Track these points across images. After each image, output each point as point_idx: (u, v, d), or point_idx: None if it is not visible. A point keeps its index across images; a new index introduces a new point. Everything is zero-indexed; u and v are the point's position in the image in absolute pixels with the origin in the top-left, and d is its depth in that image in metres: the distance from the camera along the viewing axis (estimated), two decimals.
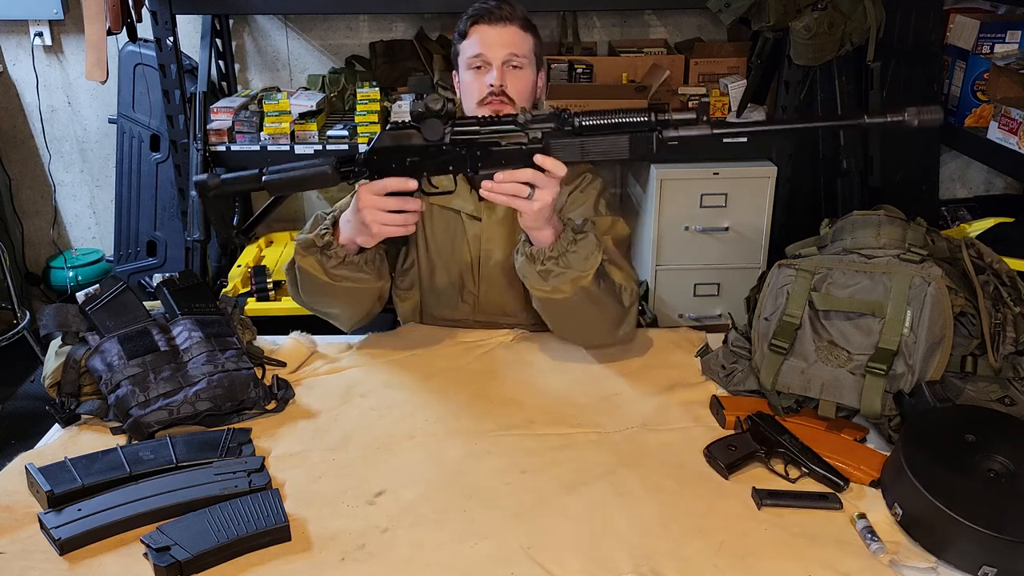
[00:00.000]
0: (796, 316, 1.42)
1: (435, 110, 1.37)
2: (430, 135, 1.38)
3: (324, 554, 1.13)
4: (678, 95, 3.00)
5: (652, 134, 1.33)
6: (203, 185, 1.45)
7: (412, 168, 1.41)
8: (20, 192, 3.45)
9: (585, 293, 1.47)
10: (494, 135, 1.37)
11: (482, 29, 1.61)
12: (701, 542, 1.15)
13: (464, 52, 1.63)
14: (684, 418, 1.44)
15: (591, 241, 1.45)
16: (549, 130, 1.36)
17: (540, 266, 1.45)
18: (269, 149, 2.83)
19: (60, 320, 1.44)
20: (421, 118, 1.38)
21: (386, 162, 1.41)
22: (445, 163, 1.40)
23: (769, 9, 2.58)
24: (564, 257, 1.44)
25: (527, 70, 1.62)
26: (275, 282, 2.80)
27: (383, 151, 1.41)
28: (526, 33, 1.63)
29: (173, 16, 2.67)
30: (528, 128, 1.36)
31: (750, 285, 1.57)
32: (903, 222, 1.45)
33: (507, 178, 1.35)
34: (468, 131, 1.38)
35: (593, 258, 1.45)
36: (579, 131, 1.35)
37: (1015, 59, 2.81)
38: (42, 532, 1.15)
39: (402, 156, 1.40)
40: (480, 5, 1.63)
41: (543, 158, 1.35)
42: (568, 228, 1.45)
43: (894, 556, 1.13)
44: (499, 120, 1.38)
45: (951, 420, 1.27)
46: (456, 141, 1.38)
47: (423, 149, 1.39)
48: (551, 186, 1.36)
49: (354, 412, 1.46)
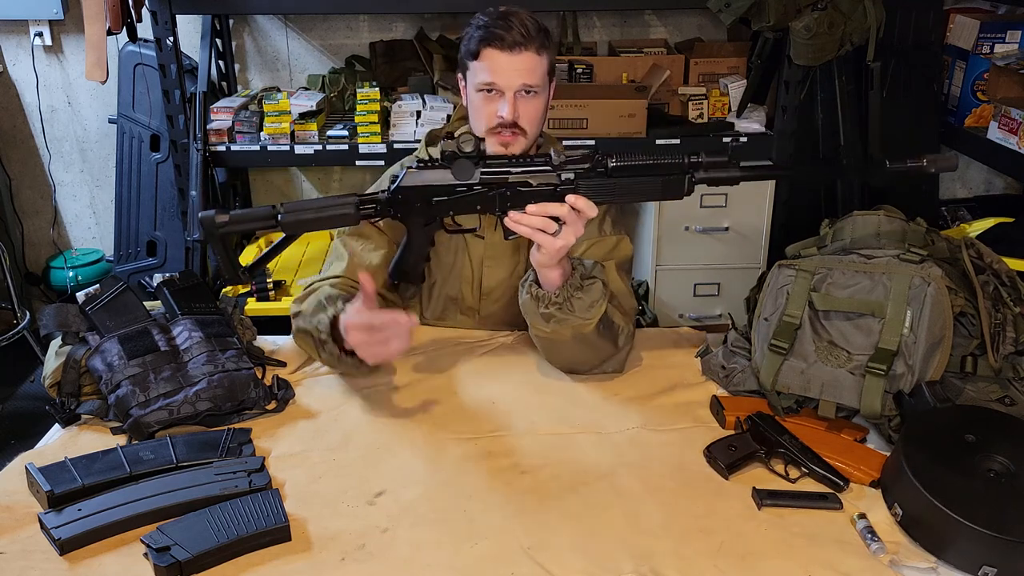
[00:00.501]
0: (796, 316, 1.42)
1: (467, 152, 1.36)
2: (461, 176, 1.37)
3: (324, 554, 1.13)
4: (678, 95, 3.00)
5: (684, 176, 1.33)
6: (211, 222, 1.37)
7: (438, 208, 1.39)
8: (20, 192, 3.45)
9: (583, 339, 1.47)
10: (525, 175, 1.36)
11: (494, 54, 1.49)
12: (701, 542, 1.15)
13: (475, 74, 1.53)
14: (684, 418, 1.44)
15: (597, 288, 1.43)
16: (582, 171, 1.35)
17: (543, 309, 1.44)
18: (269, 149, 2.83)
19: (60, 320, 1.44)
20: (452, 159, 1.36)
21: (411, 201, 1.39)
22: (473, 203, 1.38)
23: (769, 9, 2.58)
24: (568, 303, 1.42)
25: (540, 95, 1.54)
26: (275, 282, 2.80)
27: (409, 190, 1.39)
28: (541, 55, 1.51)
29: (173, 16, 2.67)
30: (561, 169, 1.35)
31: (750, 285, 1.57)
32: (903, 222, 1.45)
33: (539, 211, 1.34)
34: (499, 171, 1.36)
35: (597, 307, 1.43)
36: (611, 172, 1.34)
37: (1015, 59, 2.82)
38: (42, 532, 1.15)
39: (428, 195, 1.39)
40: (491, 25, 1.50)
41: (576, 198, 1.34)
42: (576, 274, 1.43)
43: (894, 556, 1.13)
44: (531, 160, 1.37)
45: (951, 420, 1.27)
46: (486, 182, 1.37)
47: (451, 189, 1.38)
48: (578, 226, 1.35)
49: (354, 412, 1.46)
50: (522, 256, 1.66)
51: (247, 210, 1.40)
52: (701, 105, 2.96)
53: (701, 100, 2.96)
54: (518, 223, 1.35)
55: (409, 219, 1.43)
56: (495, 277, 1.68)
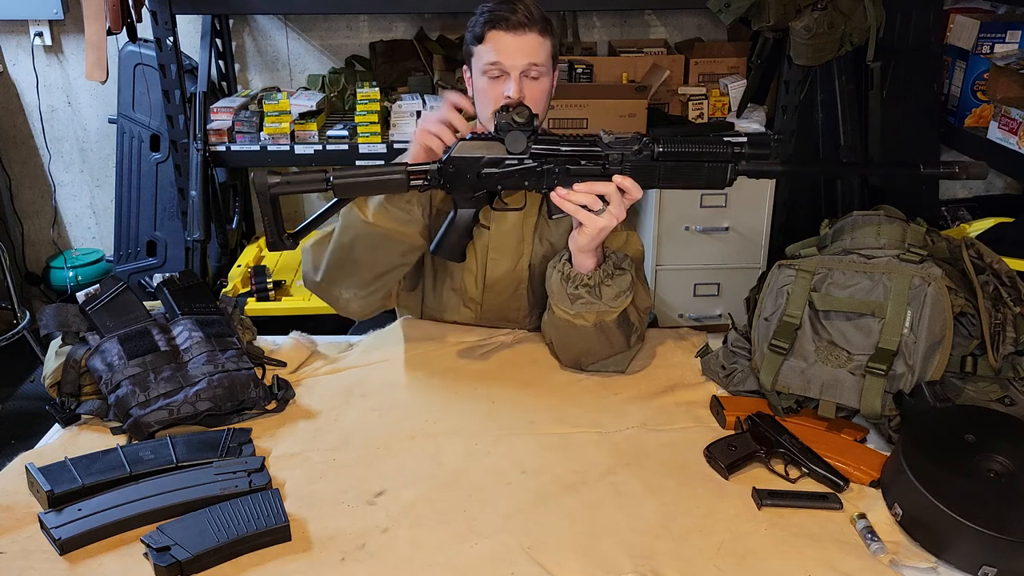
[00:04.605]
0: (796, 316, 1.42)
1: (520, 123, 1.37)
2: (514, 148, 1.37)
3: (324, 554, 1.13)
4: (678, 95, 3.00)
5: (728, 165, 1.34)
6: (263, 183, 1.39)
7: (487, 180, 1.40)
8: (20, 192, 3.45)
9: (603, 328, 1.48)
10: (575, 154, 1.37)
11: (499, 36, 1.52)
12: (701, 542, 1.15)
13: (480, 57, 1.55)
14: (684, 418, 1.44)
15: (626, 280, 1.46)
16: (630, 153, 1.36)
17: (572, 289, 1.46)
18: (269, 149, 2.83)
19: (60, 320, 1.44)
20: (507, 129, 1.37)
21: (462, 171, 1.40)
22: (522, 178, 1.39)
23: (769, 9, 2.58)
24: (598, 288, 1.45)
25: (545, 78, 1.56)
26: (275, 282, 2.80)
27: (459, 160, 1.40)
28: (544, 38, 1.54)
29: (173, 16, 2.67)
30: (610, 149, 1.36)
31: (750, 285, 1.57)
32: (903, 222, 1.45)
33: (587, 188, 1.37)
34: (550, 147, 1.38)
35: (623, 298, 1.46)
36: (658, 157, 1.36)
37: (1015, 59, 2.82)
38: (42, 532, 1.15)
39: (478, 167, 1.40)
40: (496, 8, 1.54)
41: (623, 178, 1.35)
42: (609, 261, 1.46)
43: (894, 556, 1.13)
44: (581, 139, 1.38)
45: (951, 420, 1.27)
46: (536, 155, 1.38)
47: (502, 161, 1.39)
48: (622, 208, 1.37)
49: (354, 412, 1.46)
50: (526, 249, 1.66)
51: (299, 174, 1.41)
52: (701, 105, 2.96)
53: (701, 100, 2.96)
54: (565, 199, 1.38)
55: (457, 191, 1.43)
56: (500, 268, 1.68)
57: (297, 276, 2.96)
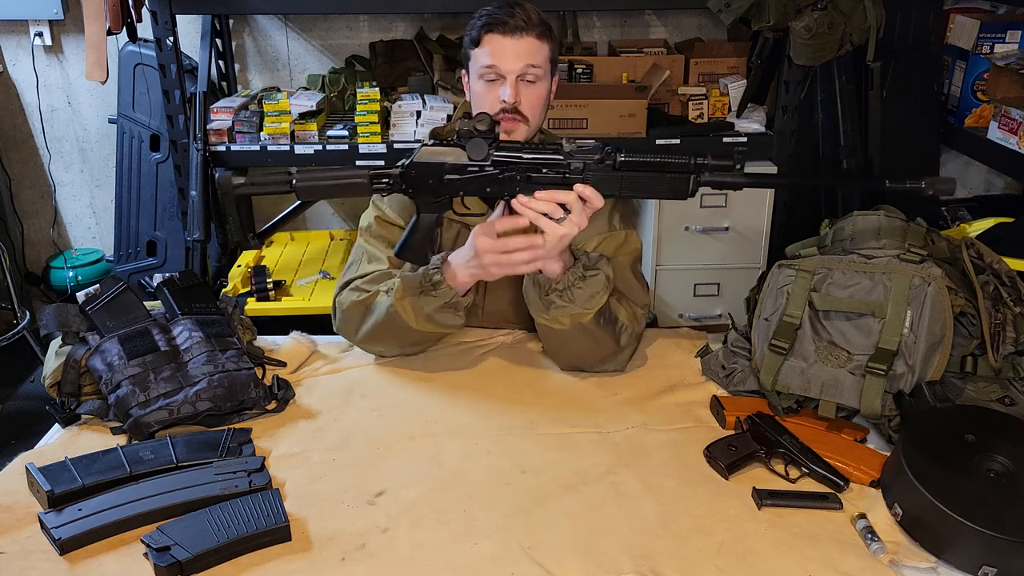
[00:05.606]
0: (796, 316, 1.42)
1: (482, 131, 1.37)
2: (475, 154, 1.37)
3: (324, 554, 1.13)
4: (678, 95, 3.00)
5: (690, 176, 1.34)
6: (227, 182, 1.39)
7: (448, 186, 1.40)
8: (20, 192, 3.45)
9: (582, 328, 1.48)
10: (536, 162, 1.37)
11: (496, 39, 1.52)
12: (701, 542, 1.15)
13: (476, 60, 1.55)
14: (684, 418, 1.44)
15: (599, 280, 1.45)
16: (591, 162, 1.36)
17: (544, 295, 1.46)
18: (269, 149, 2.83)
19: (60, 320, 1.44)
20: (468, 137, 1.38)
21: (423, 177, 1.40)
22: (483, 184, 1.39)
23: (769, 9, 2.58)
24: (569, 291, 1.45)
25: (542, 82, 1.56)
26: (275, 282, 2.80)
27: (421, 166, 1.40)
28: (542, 42, 1.54)
29: (173, 16, 2.67)
30: (571, 159, 1.37)
31: (750, 285, 1.57)
32: (903, 222, 1.45)
33: (548, 196, 1.36)
34: (511, 155, 1.38)
35: (598, 298, 1.46)
36: (620, 167, 1.36)
37: (1015, 59, 2.82)
38: (42, 532, 1.15)
39: (440, 173, 1.40)
40: (494, 11, 1.53)
41: (584, 187, 1.36)
42: (579, 264, 1.46)
43: (894, 556, 1.13)
44: (543, 147, 1.38)
45: (951, 420, 1.27)
46: (498, 163, 1.38)
47: (463, 167, 1.39)
48: (583, 216, 1.37)
49: (354, 412, 1.46)
50: None
51: (263, 174, 1.42)
52: (701, 105, 2.96)
53: (701, 100, 2.96)
54: (525, 207, 1.37)
55: (419, 196, 1.43)
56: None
57: (297, 276, 2.96)
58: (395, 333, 1.54)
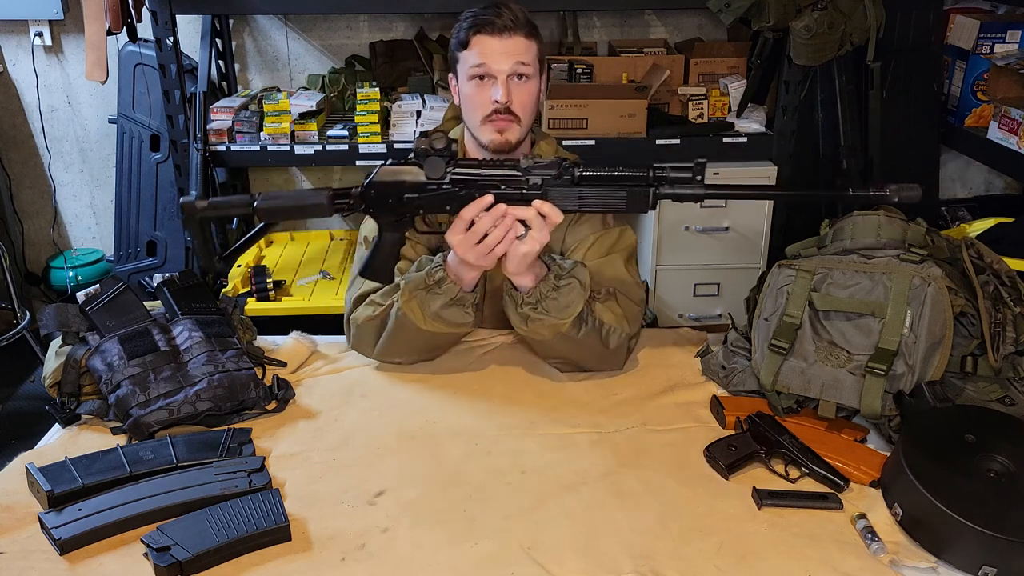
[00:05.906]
0: (796, 316, 1.42)
1: (439, 149, 1.38)
2: (432, 173, 1.38)
3: (324, 554, 1.13)
4: (678, 95, 3.00)
5: (648, 189, 1.35)
6: (191, 207, 1.41)
7: (408, 205, 1.41)
8: (20, 192, 3.45)
9: (564, 338, 1.49)
10: (494, 179, 1.38)
11: (484, 40, 1.52)
12: (701, 542, 1.16)
13: (465, 62, 1.55)
14: (684, 418, 1.44)
15: (573, 289, 1.45)
16: (549, 177, 1.37)
17: (520, 309, 1.47)
18: (269, 149, 2.83)
19: (60, 320, 1.44)
20: (424, 155, 1.38)
21: (383, 196, 1.41)
22: (443, 202, 1.40)
23: (769, 9, 2.58)
24: (543, 303, 1.45)
25: (533, 80, 1.55)
26: (275, 282, 2.80)
27: (381, 185, 1.41)
28: (530, 40, 1.54)
29: (173, 16, 2.67)
30: (529, 174, 1.37)
31: (750, 285, 1.57)
32: (903, 222, 1.45)
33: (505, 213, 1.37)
34: (469, 172, 1.39)
35: (573, 307, 1.46)
36: (578, 181, 1.36)
37: (1015, 59, 2.82)
38: (42, 532, 1.15)
39: (400, 191, 1.41)
40: (480, 12, 1.53)
41: (542, 203, 1.36)
42: (551, 275, 1.46)
43: (894, 556, 1.13)
44: (501, 163, 1.39)
45: (951, 420, 1.27)
46: (456, 180, 1.39)
47: (422, 186, 1.40)
48: (545, 231, 1.38)
49: (354, 412, 1.46)
50: None
51: (226, 197, 1.43)
52: (701, 105, 2.96)
53: (701, 100, 2.96)
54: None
55: (380, 215, 1.44)
56: (500, 278, 1.67)
57: (297, 276, 2.96)
58: (407, 337, 1.52)
